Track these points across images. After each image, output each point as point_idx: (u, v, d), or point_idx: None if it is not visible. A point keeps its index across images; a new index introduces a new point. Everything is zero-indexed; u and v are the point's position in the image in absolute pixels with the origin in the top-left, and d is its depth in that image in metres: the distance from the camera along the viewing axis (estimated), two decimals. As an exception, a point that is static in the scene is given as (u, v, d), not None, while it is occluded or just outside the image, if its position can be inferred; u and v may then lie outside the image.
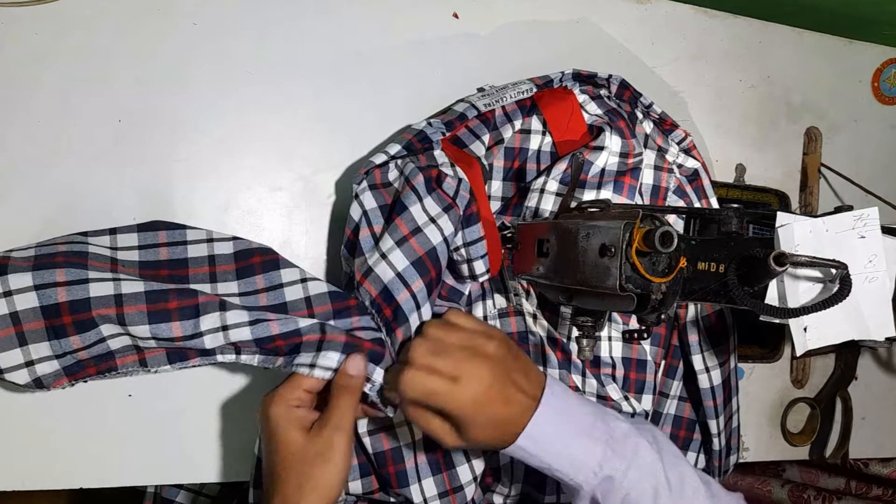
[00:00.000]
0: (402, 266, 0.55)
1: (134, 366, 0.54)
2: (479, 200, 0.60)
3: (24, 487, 0.59)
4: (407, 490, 0.60)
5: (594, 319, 0.56)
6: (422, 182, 0.57)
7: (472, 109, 0.64)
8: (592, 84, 0.68)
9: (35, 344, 0.51)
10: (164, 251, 0.56)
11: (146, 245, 0.56)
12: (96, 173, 0.60)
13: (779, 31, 0.84)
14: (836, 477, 1.00)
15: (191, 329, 0.52)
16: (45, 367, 0.52)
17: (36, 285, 0.51)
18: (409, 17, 0.69)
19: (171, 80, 0.62)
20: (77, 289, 0.51)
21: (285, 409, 0.50)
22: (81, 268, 0.52)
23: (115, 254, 0.55)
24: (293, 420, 0.49)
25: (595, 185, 0.65)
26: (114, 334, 0.52)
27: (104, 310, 0.51)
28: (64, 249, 0.53)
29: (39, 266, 0.51)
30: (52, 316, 0.51)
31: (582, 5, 0.75)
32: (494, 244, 0.61)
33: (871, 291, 0.49)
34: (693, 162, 0.70)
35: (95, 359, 0.53)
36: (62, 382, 0.53)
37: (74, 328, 0.51)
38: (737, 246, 0.48)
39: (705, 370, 0.68)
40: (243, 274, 0.56)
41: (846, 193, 0.86)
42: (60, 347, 0.52)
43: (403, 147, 0.60)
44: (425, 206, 0.57)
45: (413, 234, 0.56)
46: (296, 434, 0.49)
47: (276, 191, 0.65)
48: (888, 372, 0.90)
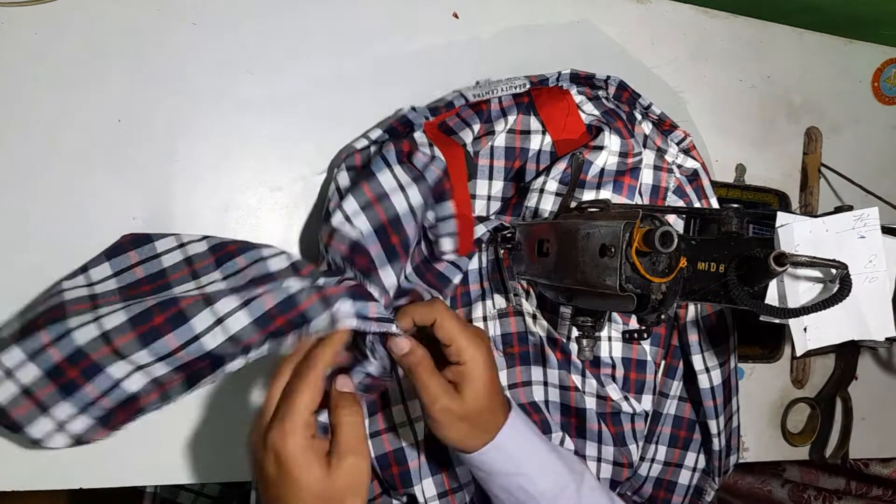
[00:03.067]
0: (366, 230, 0.55)
1: (157, 402, 0.55)
2: (455, 182, 0.60)
3: (24, 487, 0.59)
4: (411, 489, 0.60)
5: (594, 319, 0.56)
6: (392, 151, 0.57)
7: (461, 98, 0.64)
8: (590, 85, 0.68)
9: (55, 406, 0.52)
10: (139, 270, 0.56)
11: (120, 271, 0.56)
12: (96, 173, 0.60)
13: (779, 31, 0.84)
14: (837, 477, 1.00)
15: (187, 335, 0.51)
16: (78, 425, 0.53)
17: (29, 355, 0.51)
18: (409, 17, 0.69)
19: (170, 80, 0.62)
20: (64, 343, 0.51)
21: (302, 441, 0.44)
22: (60, 321, 0.51)
23: (93, 289, 0.55)
24: (313, 456, 0.44)
25: (595, 184, 0.65)
26: (126, 374, 0.52)
27: (100, 352, 0.51)
28: (42, 309, 0.53)
29: (23, 337, 0.51)
30: (57, 375, 0.51)
31: (582, 5, 0.75)
32: (467, 227, 0.61)
33: (871, 291, 0.49)
34: (692, 162, 0.70)
35: (121, 405, 0.54)
36: (103, 434, 0.54)
37: (84, 378, 0.51)
38: (737, 246, 0.48)
39: (705, 370, 0.68)
40: (223, 260, 0.55)
41: (846, 193, 0.86)
42: (81, 401, 0.52)
43: (385, 131, 0.61)
44: (395, 174, 0.56)
45: (379, 200, 0.55)
46: (318, 472, 0.44)
47: (276, 191, 0.65)
48: (888, 372, 0.90)
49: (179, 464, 0.62)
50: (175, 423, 0.62)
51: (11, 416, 0.52)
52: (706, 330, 0.69)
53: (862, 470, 0.96)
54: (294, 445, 0.44)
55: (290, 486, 0.44)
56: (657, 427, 0.71)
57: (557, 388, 0.66)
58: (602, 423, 0.66)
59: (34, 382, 0.51)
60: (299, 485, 0.43)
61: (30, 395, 0.51)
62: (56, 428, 0.53)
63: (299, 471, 0.43)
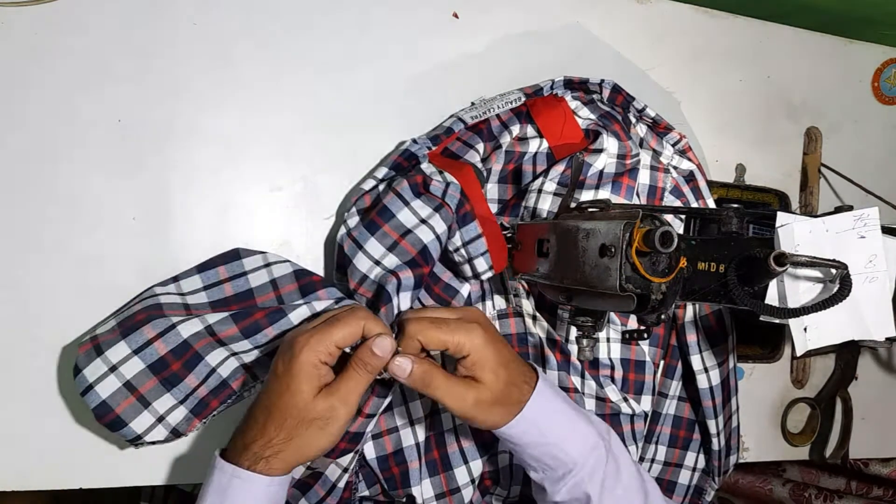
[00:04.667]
0: (394, 264, 0.56)
1: (248, 383, 0.58)
2: (473, 200, 0.60)
3: (24, 487, 0.59)
4: (410, 490, 0.60)
5: (594, 320, 0.56)
6: (407, 187, 0.57)
7: (459, 122, 0.64)
8: (584, 90, 0.68)
9: (158, 400, 0.54)
10: (227, 287, 0.58)
11: (210, 285, 0.58)
12: (96, 173, 0.60)
13: (779, 31, 0.84)
14: (837, 477, 1.00)
15: (284, 326, 0.55)
16: (176, 416, 0.55)
17: (134, 350, 0.53)
18: (409, 17, 0.69)
19: (170, 80, 0.62)
20: (170, 336, 0.54)
21: (314, 359, 0.48)
22: (162, 317, 0.54)
23: (185, 299, 0.57)
24: (314, 375, 0.49)
25: (593, 186, 0.65)
26: (221, 360, 0.56)
27: (202, 341, 0.54)
28: (139, 308, 0.55)
29: (126, 332, 0.54)
30: (161, 370, 0.54)
31: (582, 5, 0.75)
32: (497, 241, 0.61)
33: (871, 291, 0.49)
34: (688, 164, 0.70)
35: (213, 391, 0.57)
36: (195, 425, 0.57)
37: (185, 369, 0.54)
38: (737, 246, 0.48)
39: (704, 370, 0.68)
40: (307, 290, 0.58)
41: (846, 193, 0.86)
42: (181, 392, 0.55)
43: (391, 168, 0.61)
44: (414, 209, 0.57)
45: (404, 237, 0.56)
46: (308, 389, 0.48)
47: (276, 191, 0.65)
48: (888, 372, 0.90)
49: (179, 464, 0.62)
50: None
51: (116, 411, 0.53)
52: (704, 330, 0.69)
53: (862, 470, 0.96)
54: (306, 358, 0.48)
55: (279, 384, 0.49)
56: (657, 427, 0.71)
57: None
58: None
59: (137, 377, 0.53)
60: (287, 389, 0.48)
61: (132, 390, 0.53)
62: (156, 421, 0.55)
63: (295, 380, 0.48)
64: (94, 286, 0.60)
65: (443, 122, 0.66)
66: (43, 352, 0.59)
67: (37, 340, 0.59)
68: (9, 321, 0.58)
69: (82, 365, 0.53)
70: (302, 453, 0.49)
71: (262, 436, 0.48)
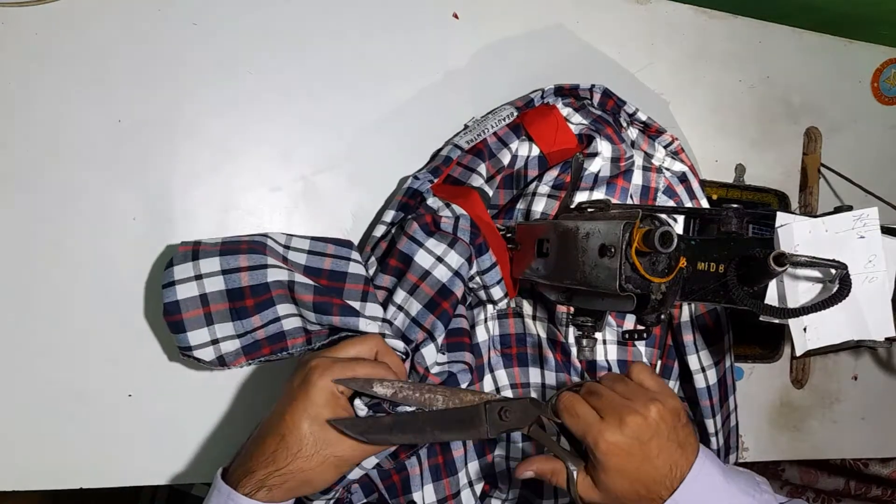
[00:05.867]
0: (416, 310, 0.57)
1: (302, 346, 0.58)
2: (483, 228, 0.61)
3: (24, 487, 0.59)
4: (411, 495, 0.60)
5: (594, 319, 0.56)
6: (418, 229, 0.58)
7: (456, 150, 0.64)
8: (575, 96, 0.68)
9: (221, 324, 0.56)
10: (328, 261, 0.59)
11: (314, 252, 0.60)
12: (96, 173, 0.60)
13: (779, 31, 0.84)
14: (836, 477, 1.00)
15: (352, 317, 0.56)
16: (228, 346, 0.56)
17: (223, 270, 0.55)
18: (409, 18, 0.69)
19: (170, 80, 0.62)
20: (258, 273, 0.55)
21: (334, 388, 0.48)
22: (261, 254, 0.56)
23: (287, 252, 0.59)
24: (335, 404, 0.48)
25: (588, 188, 0.65)
26: (288, 314, 0.57)
27: (280, 290, 0.56)
28: (246, 239, 0.57)
29: (225, 252, 0.56)
30: (236, 298, 0.55)
31: (582, 5, 0.75)
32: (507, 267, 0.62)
33: (870, 291, 0.49)
34: (681, 165, 0.70)
35: (270, 338, 0.57)
36: (241, 361, 0.57)
37: (255, 308, 0.56)
38: (736, 246, 0.48)
39: (701, 370, 0.68)
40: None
41: (846, 193, 0.86)
42: (243, 327, 0.56)
43: (399, 210, 0.61)
44: (429, 249, 0.58)
45: (422, 279, 0.57)
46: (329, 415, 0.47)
47: (276, 191, 0.65)
48: (888, 372, 0.90)
49: (179, 464, 0.62)
50: (175, 424, 0.62)
51: (182, 315, 0.55)
52: (700, 329, 0.69)
53: (861, 470, 0.96)
54: (324, 382, 0.47)
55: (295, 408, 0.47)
56: None
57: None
58: None
59: (214, 295, 0.55)
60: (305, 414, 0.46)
61: (205, 304, 0.55)
62: (209, 342, 0.56)
63: (314, 406, 0.47)
64: (94, 286, 0.60)
65: (440, 150, 0.67)
66: (43, 352, 0.59)
67: (37, 340, 0.59)
68: (9, 321, 0.58)
69: (176, 262, 0.55)
70: (310, 486, 0.48)
71: (271, 464, 0.46)
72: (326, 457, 0.47)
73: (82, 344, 0.60)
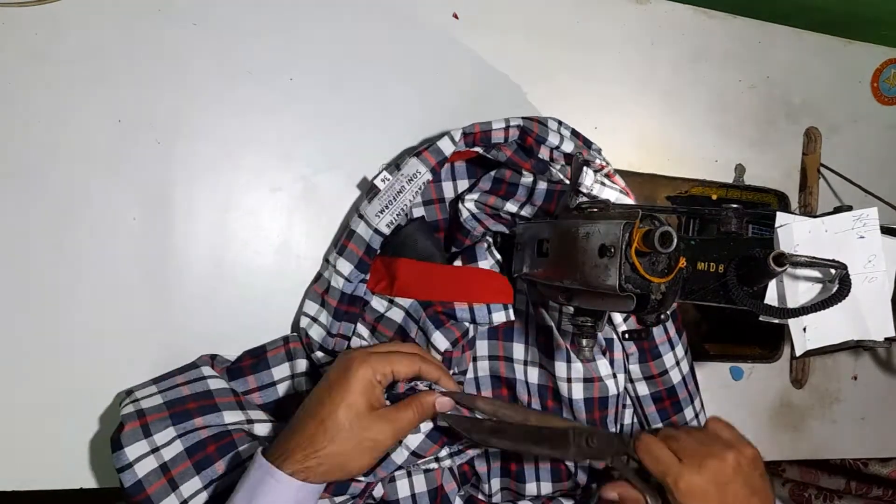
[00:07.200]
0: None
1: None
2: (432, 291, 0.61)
3: (24, 487, 0.59)
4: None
5: (594, 320, 0.56)
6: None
7: (377, 237, 0.60)
8: (485, 142, 0.61)
9: (185, 483, 0.54)
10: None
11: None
12: (96, 173, 0.60)
13: (779, 31, 0.84)
14: (837, 477, 1.00)
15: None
16: (198, 501, 0.54)
17: (179, 434, 0.54)
18: (409, 18, 0.69)
19: (170, 80, 0.62)
20: (216, 428, 0.55)
21: (372, 376, 0.50)
22: (214, 410, 0.55)
23: (247, 398, 0.60)
24: (371, 392, 0.50)
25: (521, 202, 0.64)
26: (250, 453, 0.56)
27: (240, 434, 0.56)
28: (189, 393, 0.56)
29: (175, 416, 0.54)
30: (197, 451, 0.54)
31: (581, 5, 0.75)
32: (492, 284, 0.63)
33: (870, 291, 0.49)
34: (610, 191, 0.66)
35: (231, 472, 0.56)
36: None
37: (218, 454, 0.55)
38: (736, 246, 0.48)
39: (676, 364, 0.67)
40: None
41: (846, 193, 0.86)
42: (208, 477, 0.54)
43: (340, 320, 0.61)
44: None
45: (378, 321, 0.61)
46: (364, 403, 0.49)
47: (276, 191, 0.65)
48: (888, 372, 0.90)
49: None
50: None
51: (147, 492, 0.52)
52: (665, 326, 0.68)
53: (861, 470, 0.96)
54: (363, 374, 0.50)
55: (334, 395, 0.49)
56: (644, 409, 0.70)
57: (537, 368, 0.65)
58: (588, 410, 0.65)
59: (173, 460, 0.53)
60: (343, 402, 0.49)
61: (166, 472, 0.53)
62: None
63: (351, 394, 0.49)
64: (95, 287, 0.60)
65: (355, 228, 0.60)
66: (43, 352, 0.59)
67: (37, 341, 0.59)
68: (9, 322, 0.58)
69: (126, 443, 0.52)
70: (343, 469, 0.49)
71: (310, 445, 0.48)
72: (361, 440, 0.49)
73: (82, 344, 0.60)
